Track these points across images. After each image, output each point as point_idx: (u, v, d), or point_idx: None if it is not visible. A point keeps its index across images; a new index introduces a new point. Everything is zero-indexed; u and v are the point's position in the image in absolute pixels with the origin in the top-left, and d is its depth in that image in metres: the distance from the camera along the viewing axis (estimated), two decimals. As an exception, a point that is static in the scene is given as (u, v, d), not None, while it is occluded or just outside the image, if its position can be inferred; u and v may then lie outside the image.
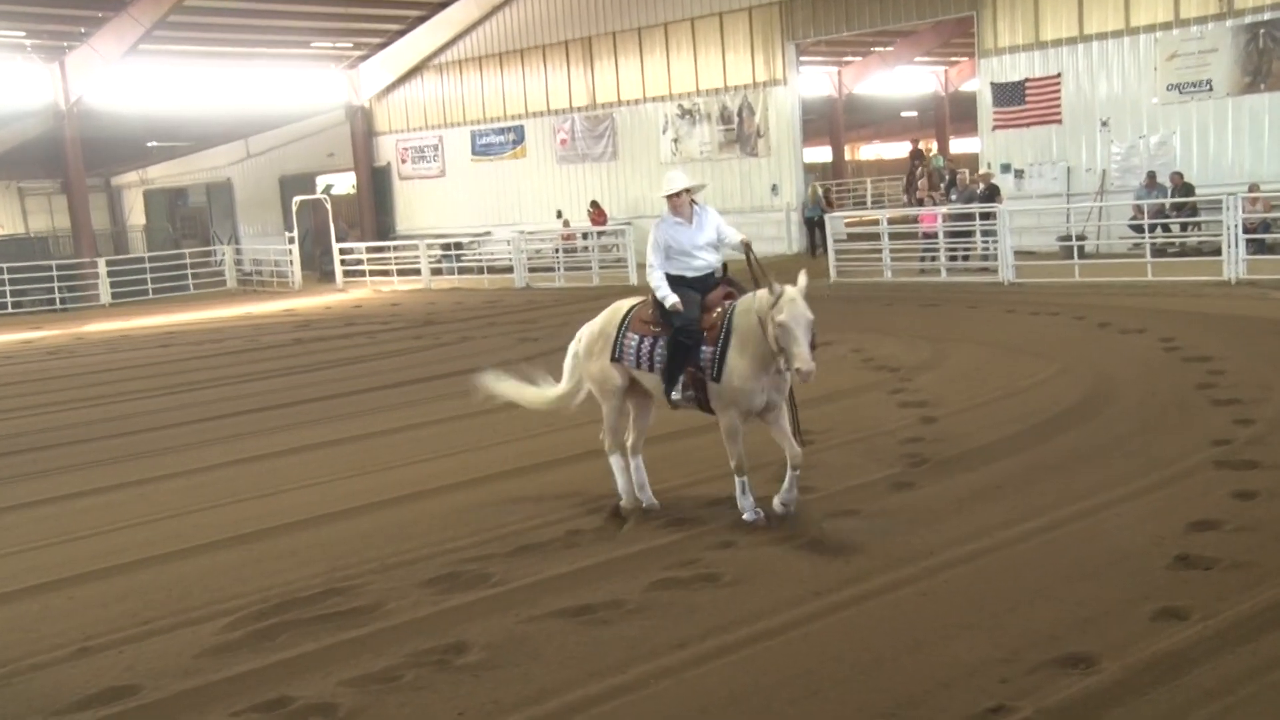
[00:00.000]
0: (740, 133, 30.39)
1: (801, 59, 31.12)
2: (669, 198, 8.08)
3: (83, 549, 8.15)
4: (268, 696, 5.42)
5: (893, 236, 23.03)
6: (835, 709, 5.01)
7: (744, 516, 7.60)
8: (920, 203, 24.09)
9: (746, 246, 8.16)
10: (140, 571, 7.52)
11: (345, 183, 38.98)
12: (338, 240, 32.32)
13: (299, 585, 6.93)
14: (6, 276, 30.88)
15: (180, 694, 5.53)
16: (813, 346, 7.34)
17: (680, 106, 31.41)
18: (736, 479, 7.67)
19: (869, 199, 43.07)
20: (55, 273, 31.50)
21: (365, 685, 5.47)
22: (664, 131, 31.70)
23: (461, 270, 31.08)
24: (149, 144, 38.05)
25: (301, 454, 10.98)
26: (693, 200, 8.19)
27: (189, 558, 7.70)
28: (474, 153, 35.76)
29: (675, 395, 7.82)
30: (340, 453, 10.92)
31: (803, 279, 7.51)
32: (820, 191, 29.89)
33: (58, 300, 30.91)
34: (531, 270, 28.80)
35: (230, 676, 5.69)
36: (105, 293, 31.47)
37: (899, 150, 53.37)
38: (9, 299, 30.53)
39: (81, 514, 9.18)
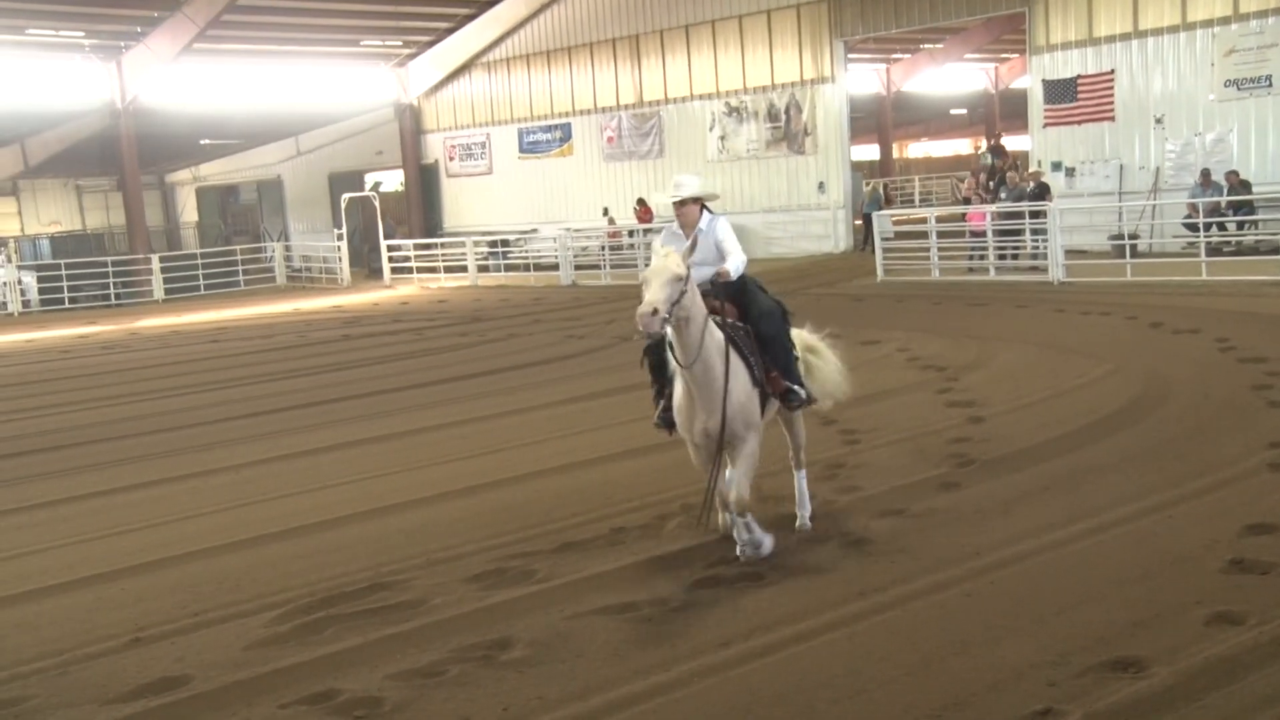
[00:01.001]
0: (787, 130, 30.26)
1: (850, 56, 30.94)
2: (675, 205, 7.26)
3: (134, 541, 8.28)
4: (315, 689, 5.47)
5: (940, 235, 22.84)
6: (881, 709, 4.97)
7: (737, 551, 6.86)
8: (995, 199, 23.64)
9: (719, 276, 7.08)
10: (190, 564, 7.62)
11: (393, 180, 39.26)
12: (385, 237, 32.58)
13: (345, 580, 6.99)
14: (64, 272, 31.44)
15: (229, 685, 5.59)
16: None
17: (727, 104, 31.33)
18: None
19: (917, 197, 42.75)
20: (110, 269, 32.02)
21: (411, 679, 5.50)
22: (711, 129, 31.64)
23: (508, 268, 31.21)
24: (201, 142, 38.51)
25: (349, 449, 11.07)
26: (705, 207, 7.34)
27: (237, 551, 7.79)
28: (521, 150, 35.89)
29: (655, 420, 7.34)
30: (387, 448, 11.00)
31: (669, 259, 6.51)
32: (880, 189, 29.76)
33: (113, 295, 31.39)
34: (578, 268, 28.87)
35: (278, 669, 5.75)
36: (158, 288, 31.92)
37: (948, 148, 52.95)
38: (66, 294, 31.06)
39: (133, 507, 9.32)
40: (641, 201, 31.25)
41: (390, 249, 32.38)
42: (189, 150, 38.90)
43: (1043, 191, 22.53)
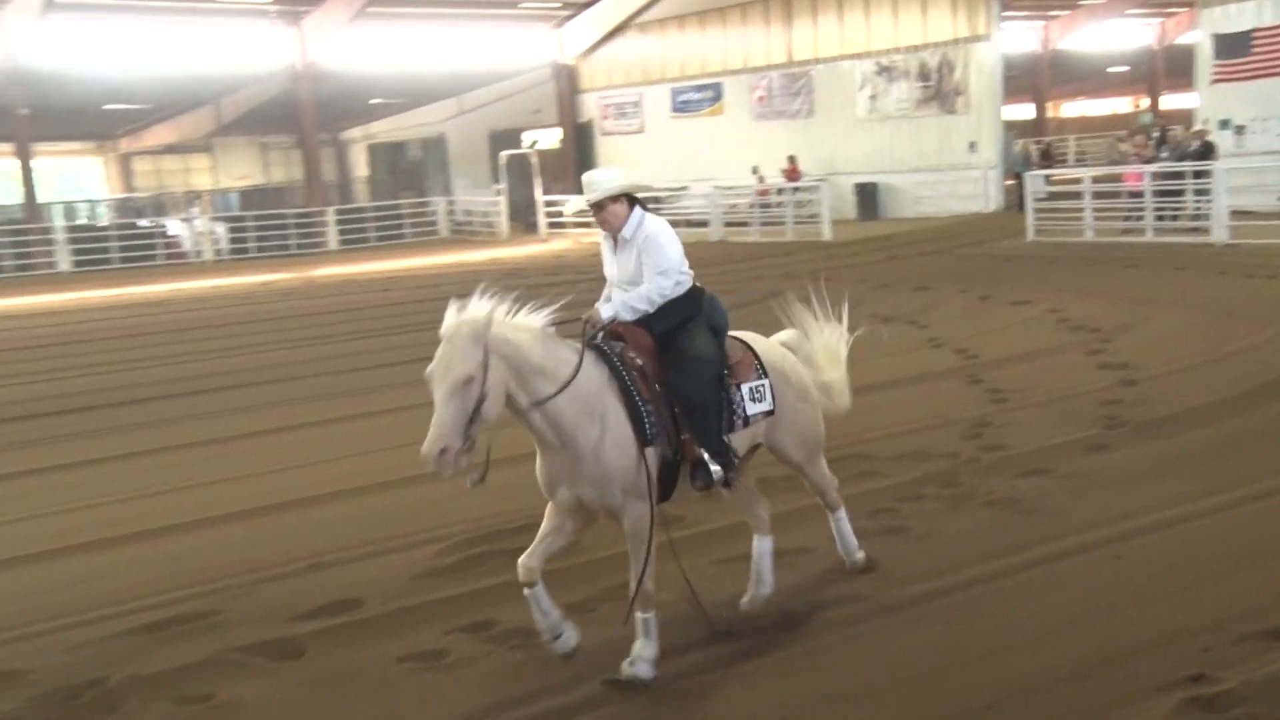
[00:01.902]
0: (939, 90, 29.38)
1: (1005, 14, 29.77)
2: (593, 210, 5.25)
3: (318, 473, 8.64)
4: (475, 619, 5.65)
5: (1096, 195, 21.89)
6: (1024, 666, 4.88)
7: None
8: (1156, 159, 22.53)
9: (584, 324, 5.10)
10: (366, 497, 7.92)
11: (549, 138, 39.62)
12: (543, 193, 33.00)
13: (506, 518, 7.13)
14: (250, 223, 32.84)
15: (397, 610, 5.82)
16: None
17: (878, 64, 30.57)
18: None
19: (1071, 157, 41.05)
20: (291, 220, 33.29)
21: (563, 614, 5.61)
22: (860, 89, 30.94)
23: (659, 223, 31.21)
24: (371, 101, 39.47)
25: None
26: (638, 203, 5.29)
27: (409, 487, 8.00)
28: (673, 110, 35.77)
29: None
30: None
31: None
32: (1032, 149, 28.76)
33: (293, 245, 32.63)
34: (727, 224, 28.70)
35: (441, 598, 5.96)
36: (333, 239, 33.06)
37: (1105, 107, 50.63)
38: (250, 244, 32.41)
39: (317, 442, 9.72)
40: (792, 160, 30.83)
41: (547, 204, 32.78)
42: (361, 110, 39.93)
43: (1207, 151, 21.35)
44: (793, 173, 30.18)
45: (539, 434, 4.84)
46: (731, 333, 5.52)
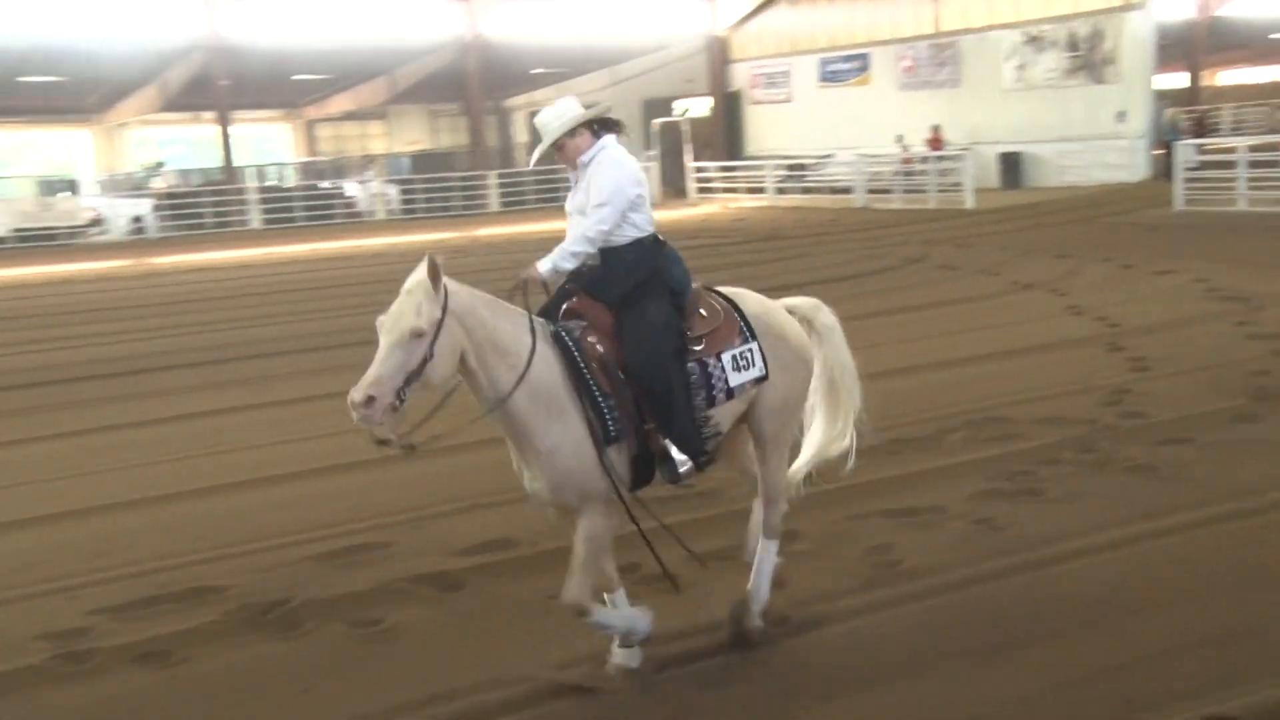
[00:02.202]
0: (1088, 59, 28.00)
1: (1161, -19, 28.17)
2: (554, 150, 4.67)
3: (483, 422, 8.82)
4: (621, 562, 5.69)
5: (1252, 165, 20.58)
6: (1160, 629, 4.68)
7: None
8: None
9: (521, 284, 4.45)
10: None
11: (699, 107, 39.38)
12: (693, 160, 32.88)
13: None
14: (419, 185, 33.70)
15: (548, 551, 5.91)
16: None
17: (1026, 33, 29.30)
18: None
19: (1226, 126, 38.68)
20: (456, 183, 34.03)
21: (709, 560, 5.60)
22: (1007, 59, 29.73)
23: (804, 190, 30.81)
24: (533, 71, 39.89)
25: None
26: (606, 127, 4.66)
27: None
28: (821, 79, 35.08)
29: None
30: None
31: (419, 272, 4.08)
32: (1180, 119, 27.29)
33: (458, 206, 33.36)
34: (870, 191, 28.11)
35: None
36: (494, 201, 33.67)
37: (1265, 75, 47.48)
38: (418, 205, 33.27)
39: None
40: (935, 129, 29.94)
41: (695, 170, 32.66)
42: (523, 79, 40.38)
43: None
44: (936, 141, 29.31)
45: (502, 424, 4.28)
46: (717, 288, 4.81)
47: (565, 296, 4.49)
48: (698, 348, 4.47)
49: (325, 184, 34.76)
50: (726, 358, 4.51)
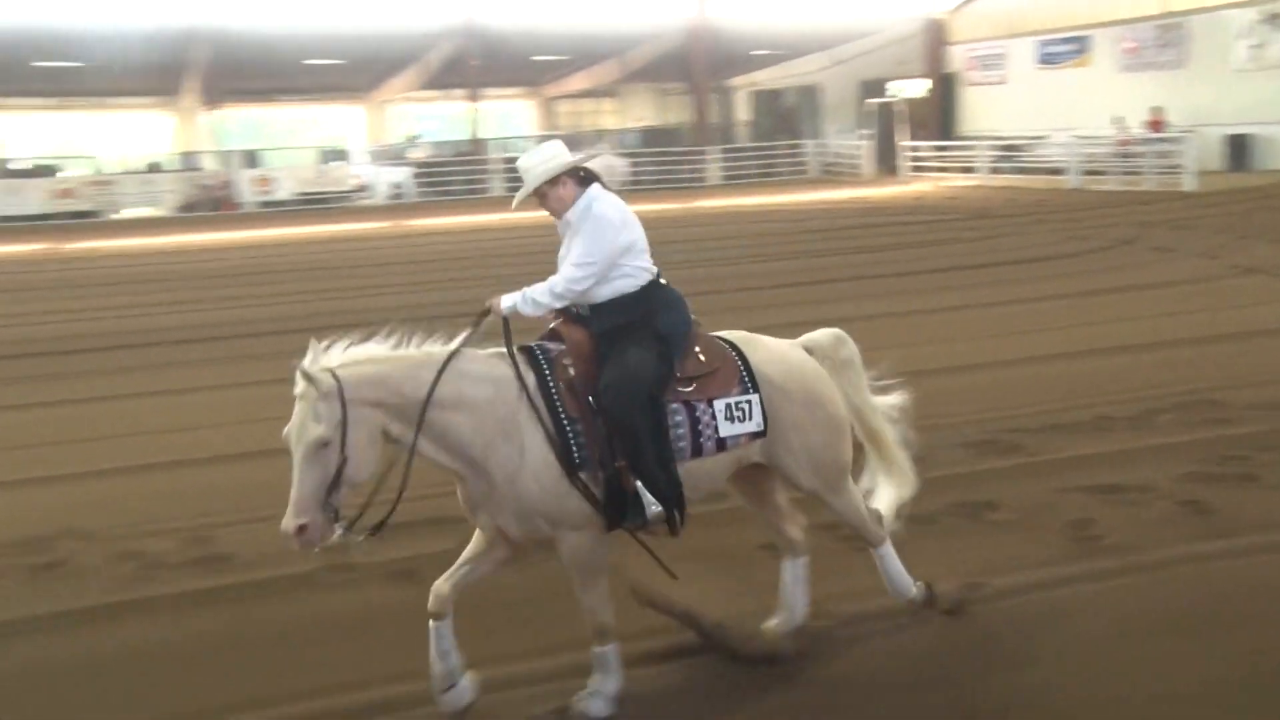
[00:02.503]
0: (1332, 37, 25.34)
1: None
2: (536, 198, 4.33)
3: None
4: (814, 521, 5.70)
5: None
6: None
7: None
8: None
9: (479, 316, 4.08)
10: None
11: (915, 88, 38.09)
12: (910, 139, 31.97)
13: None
14: (645, 159, 34.19)
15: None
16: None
17: (1263, 10, 26.72)
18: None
19: None
20: (679, 157, 34.28)
21: (907, 525, 5.50)
22: (1241, 38, 27.24)
23: (1016, 170, 29.39)
24: (754, 53, 39.56)
25: (885, 320, 10.74)
26: (586, 175, 4.25)
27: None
28: (1038, 61, 33.19)
29: None
30: (897, 324, 10.63)
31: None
32: None
33: (681, 179, 33.61)
34: (1085, 173, 26.49)
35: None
36: (715, 175, 33.78)
37: None
38: (645, 177, 33.74)
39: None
40: (1156, 111, 27.85)
41: (909, 149, 31.71)
42: (744, 60, 40.09)
43: None
44: (1157, 124, 27.26)
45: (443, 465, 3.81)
46: (720, 334, 4.28)
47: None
48: (686, 389, 4.00)
49: (560, 157, 35.61)
50: (719, 405, 4.03)
